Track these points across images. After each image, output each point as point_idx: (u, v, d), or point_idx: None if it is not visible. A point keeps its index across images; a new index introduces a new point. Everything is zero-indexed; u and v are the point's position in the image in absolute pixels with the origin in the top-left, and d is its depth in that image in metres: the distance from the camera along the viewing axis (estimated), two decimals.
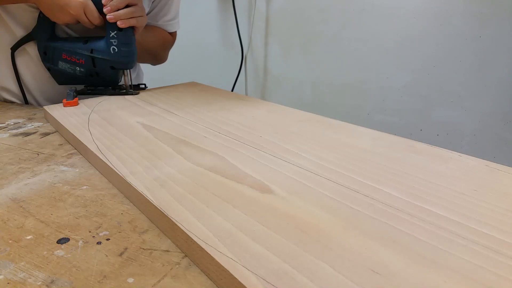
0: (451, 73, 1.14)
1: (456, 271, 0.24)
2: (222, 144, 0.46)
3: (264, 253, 0.26)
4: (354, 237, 0.28)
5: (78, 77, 0.67)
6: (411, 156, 0.42)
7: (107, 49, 0.64)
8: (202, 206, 0.32)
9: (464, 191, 0.34)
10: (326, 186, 0.35)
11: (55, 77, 0.71)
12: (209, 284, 0.26)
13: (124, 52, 0.64)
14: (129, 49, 0.65)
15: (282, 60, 1.44)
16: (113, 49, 0.63)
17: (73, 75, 0.67)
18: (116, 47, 0.63)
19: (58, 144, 0.52)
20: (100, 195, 0.38)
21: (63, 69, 0.68)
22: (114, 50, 0.63)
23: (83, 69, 0.66)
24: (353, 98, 1.32)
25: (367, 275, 0.24)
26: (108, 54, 0.64)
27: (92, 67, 0.65)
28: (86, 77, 0.67)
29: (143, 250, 0.30)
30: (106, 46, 0.64)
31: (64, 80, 0.70)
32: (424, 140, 0.46)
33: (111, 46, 0.63)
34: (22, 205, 0.36)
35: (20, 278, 0.27)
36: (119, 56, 0.64)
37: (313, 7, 1.31)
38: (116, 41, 0.63)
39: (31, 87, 0.76)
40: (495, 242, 0.27)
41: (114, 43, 0.63)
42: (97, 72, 0.66)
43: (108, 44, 0.64)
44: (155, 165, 0.40)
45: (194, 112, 0.58)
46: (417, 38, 1.16)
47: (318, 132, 0.50)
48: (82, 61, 0.65)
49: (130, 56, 0.65)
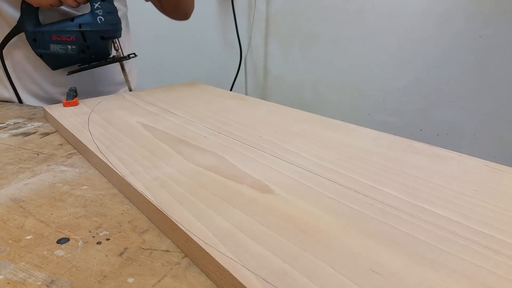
0: (451, 73, 1.14)
1: (456, 271, 0.24)
2: (222, 144, 0.46)
3: (264, 253, 0.26)
4: (354, 237, 0.28)
5: (71, 56, 0.69)
6: (411, 156, 0.42)
7: (95, 20, 0.67)
8: (202, 206, 0.32)
9: (464, 191, 0.34)
10: (326, 186, 0.35)
11: (48, 62, 0.72)
12: (209, 284, 0.26)
13: (110, 20, 0.68)
14: (114, 16, 0.68)
15: (282, 60, 1.44)
16: (100, 19, 0.67)
17: (66, 55, 0.69)
18: (102, 17, 0.67)
19: (58, 144, 0.52)
20: (100, 195, 0.38)
21: (55, 51, 0.70)
22: (101, 20, 0.67)
23: (74, 46, 0.69)
24: (353, 98, 1.32)
25: (367, 275, 0.24)
26: (96, 25, 0.67)
27: (83, 41, 0.68)
28: (79, 54, 0.69)
29: (143, 250, 0.30)
30: (93, 17, 0.67)
31: (57, 63, 0.72)
32: (424, 140, 0.46)
33: (98, 17, 0.67)
34: (22, 205, 0.36)
35: (20, 278, 0.27)
36: (107, 24, 0.67)
37: (313, 7, 1.31)
38: (101, 11, 0.66)
39: (21, 87, 0.76)
40: (495, 242, 0.27)
41: (100, 14, 0.66)
42: (88, 46, 0.68)
43: (94, 15, 0.67)
44: (155, 165, 0.40)
45: (194, 112, 0.58)
46: (417, 38, 1.16)
47: (318, 132, 0.50)
48: (73, 38, 0.68)
49: (116, 23, 0.69)
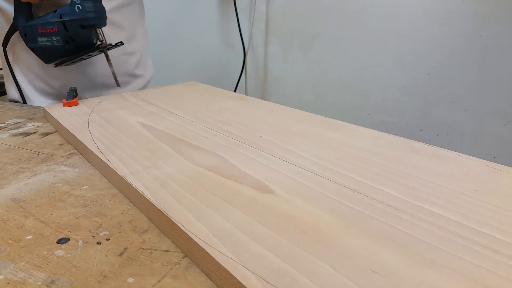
0: (451, 73, 1.14)
1: (456, 271, 0.24)
2: (222, 144, 0.46)
3: (264, 253, 0.26)
4: (354, 237, 0.28)
5: (57, 48, 0.70)
6: (411, 156, 0.42)
7: (73, 9, 0.67)
8: (202, 206, 0.32)
9: (464, 191, 0.34)
10: (326, 186, 0.35)
11: (40, 56, 0.73)
12: (209, 284, 0.26)
13: (88, 7, 0.67)
14: (93, 4, 0.68)
15: (282, 60, 1.44)
16: (78, 7, 0.67)
17: (53, 47, 0.70)
18: (80, 5, 0.67)
19: (58, 144, 0.52)
20: (100, 195, 0.38)
21: (43, 44, 0.70)
22: (79, 8, 0.67)
23: (58, 37, 0.69)
24: (353, 98, 1.32)
25: (367, 275, 0.24)
26: (74, 14, 0.67)
27: (65, 32, 0.68)
28: (64, 45, 0.69)
29: (143, 250, 0.30)
30: (71, 7, 0.68)
31: (48, 57, 0.72)
32: (424, 140, 0.46)
33: (76, 5, 0.67)
34: (22, 205, 0.36)
35: (20, 278, 0.27)
36: (84, 12, 0.67)
37: (313, 7, 1.31)
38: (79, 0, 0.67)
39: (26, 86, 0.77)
40: (495, 242, 0.27)
41: (77, 2, 0.67)
42: (71, 37, 0.68)
43: (72, 4, 0.67)
44: (155, 165, 0.40)
45: (194, 112, 0.58)
46: (417, 38, 1.16)
47: (318, 132, 0.50)
48: (55, 29, 0.68)
49: (96, 11, 0.68)
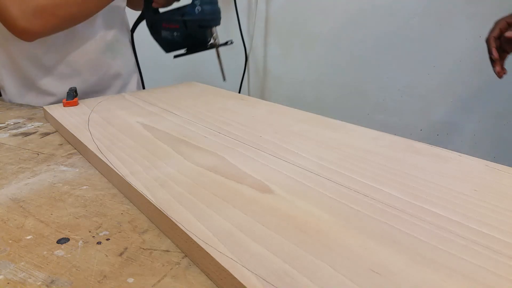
0: (451, 73, 1.14)
1: (456, 271, 0.24)
2: (222, 144, 0.46)
3: (264, 253, 0.26)
4: (354, 237, 0.28)
5: (177, 41, 0.79)
6: (411, 156, 0.42)
7: (193, 10, 0.75)
8: (202, 206, 0.32)
9: (464, 191, 0.34)
10: (326, 186, 0.35)
11: (162, 46, 0.82)
12: (209, 284, 0.26)
13: (207, 10, 0.76)
14: (212, 7, 0.76)
15: (282, 60, 1.44)
16: (198, 9, 0.75)
17: (173, 40, 0.79)
18: (200, 7, 0.75)
19: (58, 144, 0.52)
20: (100, 195, 0.38)
21: (165, 37, 0.79)
22: (199, 10, 0.75)
23: (179, 33, 0.78)
24: (353, 98, 1.32)
25: (367, 275, 0.24)
26: (194, 15, 0.75)
27: (185, 29, 0.77)
28: (183, 40, 0.78)
29: (143, 250, 0.30)
30: (192, 8, 0.75)
31: (168, 47, 0.81)
32: (424, 140, 0.46)
33: (196, 7, 0.75)
34: (22, 205, 0.36)
35: (20, 278, 0.27)
36: (204, 14, 0.75)
37: (313, 7, 1.31)
38: (199, 1, 0.75)
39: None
40: (495, 242, 0.27)
41: (198, 4, 0.75)
42: (190, 33, 0.77)
43: (193, 6, 0.75)
44: (155, 165, 0.40)
45: (194, 112, 0.58)
46: (417, 38, 1.16)
47: (318, 132, 0.50)
48: (177, 26, 0.77)
49: (213, 13, 0.76)
